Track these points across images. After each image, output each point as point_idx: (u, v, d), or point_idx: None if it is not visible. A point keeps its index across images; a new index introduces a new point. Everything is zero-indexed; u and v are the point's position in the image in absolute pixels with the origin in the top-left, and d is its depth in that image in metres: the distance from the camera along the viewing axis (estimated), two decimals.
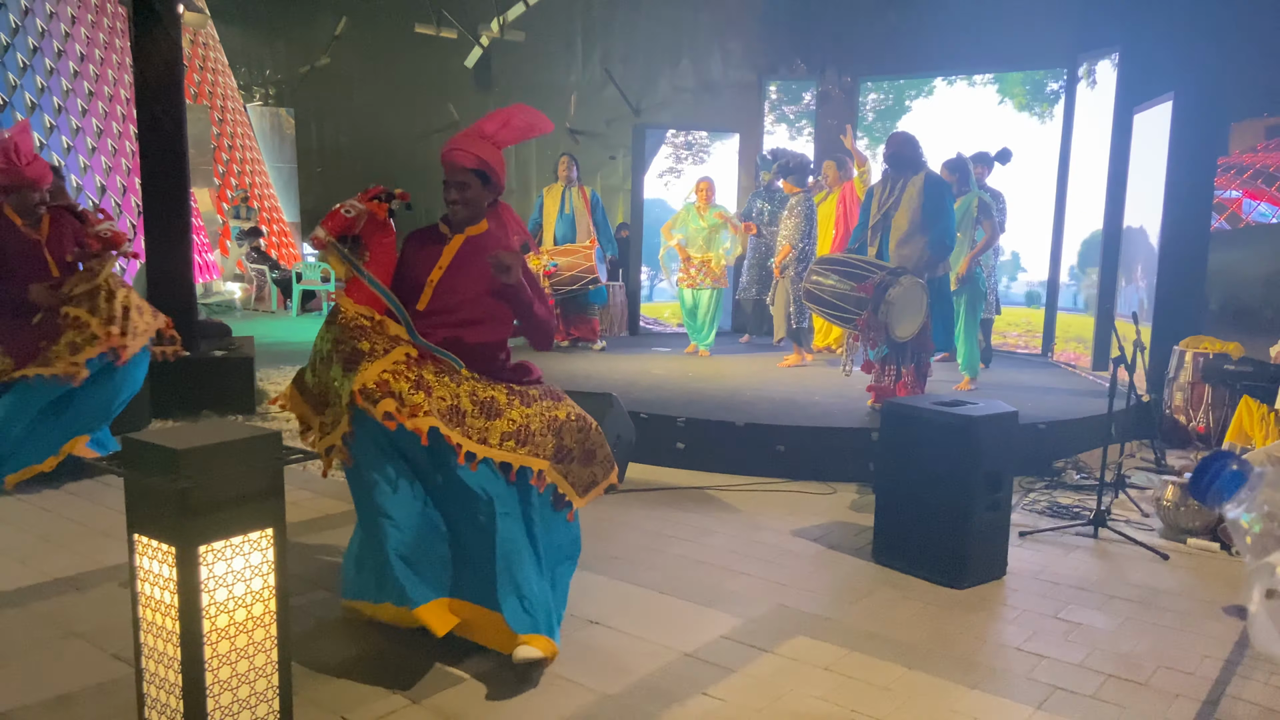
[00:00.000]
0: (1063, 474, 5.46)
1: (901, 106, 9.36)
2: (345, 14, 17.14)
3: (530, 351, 6.43)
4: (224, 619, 2.28)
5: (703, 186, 8.11)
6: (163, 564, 2.25)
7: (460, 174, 3.14)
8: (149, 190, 6.71)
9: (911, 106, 9.29)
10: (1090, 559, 4.20)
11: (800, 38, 11.84)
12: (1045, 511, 4.83)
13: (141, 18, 6.50)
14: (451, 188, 3.16)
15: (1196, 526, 4.41)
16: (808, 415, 5.76)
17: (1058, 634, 3.39)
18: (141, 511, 2.30)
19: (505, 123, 3.21)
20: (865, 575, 3.95)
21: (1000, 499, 3.87)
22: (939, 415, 3.87)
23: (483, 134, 3.18)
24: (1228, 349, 6.24)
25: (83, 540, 4.15)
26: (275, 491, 2.40)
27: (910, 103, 9.29)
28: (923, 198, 5.57)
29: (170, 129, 6.59)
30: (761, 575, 3.92)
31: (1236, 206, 10.04)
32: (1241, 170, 10.23)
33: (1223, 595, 3.79)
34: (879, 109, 9.52)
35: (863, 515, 4.66)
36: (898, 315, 5.35)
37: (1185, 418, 6.27)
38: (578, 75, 15.61)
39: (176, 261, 6.75)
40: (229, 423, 5.66)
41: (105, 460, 2.42)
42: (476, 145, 3.15)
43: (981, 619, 3.53)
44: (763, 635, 3.31)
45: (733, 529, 4.51)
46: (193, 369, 6.57)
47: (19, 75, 11.71)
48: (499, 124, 3.20)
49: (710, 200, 8.08)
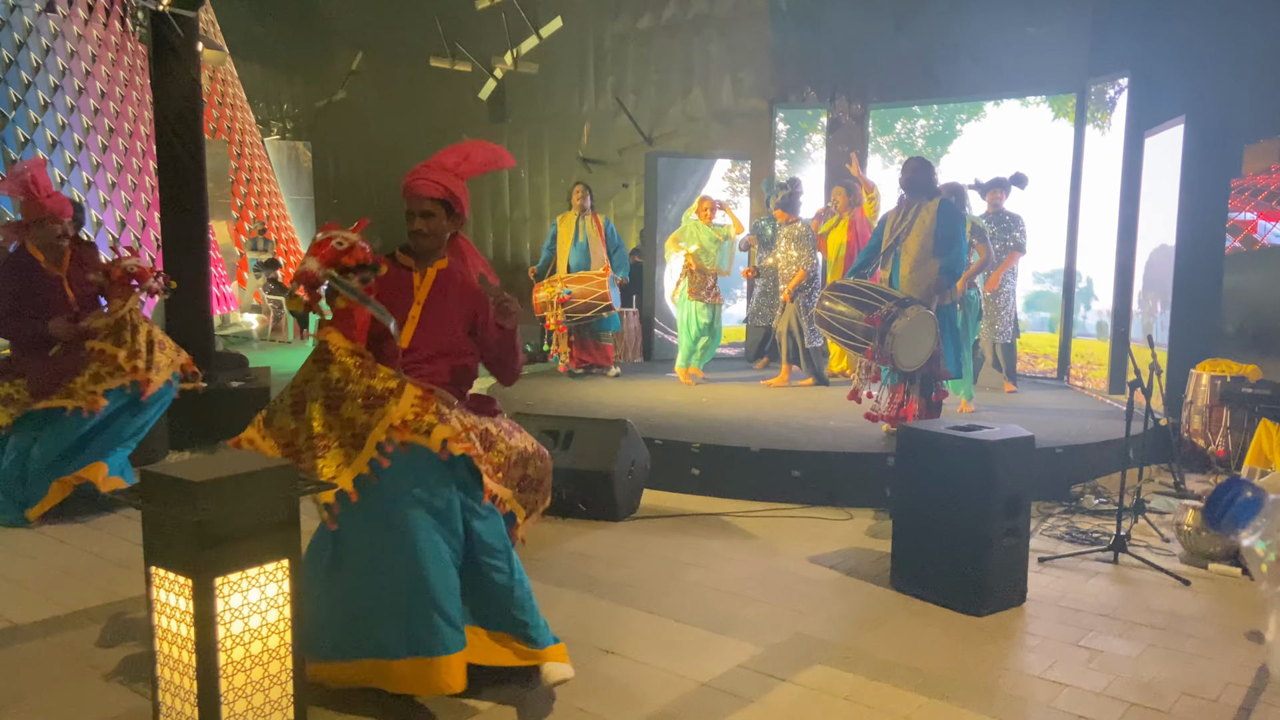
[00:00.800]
0: (1081, 499, 5.41)
1: (952, 130, 9.37)
2: (361, 49, 17.39)
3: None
4: (239, 651, 2.29)
5: (706, 205, 8.17)
6: (179, 596, 2.26)
7: (425, 204, 3.09)
8: (168, 224, 6.80)
9: (962, 130, 9.30)
10: (1111, 585, 4.15)
11: (810, 66, 11.92)
12: (1064, 537, 4.79)
13: (161, 55, 6.61)
14: (416, 217, 3.10)
15: (1218, 551, 4.36)
16: (823, 440, 5.75)
17: (1079, 662, 3.36)
18: (159, 544, 2.32)
19: (465, 157, 3.19)
20: (884, 602, 3.92)
21: (1019, 524, 3.85)
22: (955, 440, 3.85)
23: (444, 166, 3.15)
24: (1245, 371, 6.19)
25: (102, 573, 4.17)
26: (291, 523, 2.41)
27: (961, 126, 9.31)
28: (936, 223, 5.58)
29: (189, 164, 6.69)
30: (779, 603, 3.89)
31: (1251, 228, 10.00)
32: (1256, 192, 10.20)
33: (1246, 621, 3.74)
34: (929, 134, 9.52)
35: (880, 541, 4.63)
36: (903, 347, 5.35)
37: (1204, 441, 6.22)
38: (590, 105, 15.74)
39: (195, 294, 6.82)
40: (245, 454, 5.68)
41: (123, 493, 2.44)
42: (441, 175, 3.12)
43: (1002, 647, 3.50)
44: (781, 664, 3.29)
45: (749, 556, 4.49)
46: (210, 400, 6.61)
47: (40, 112, 11.91)
48: (459, 158, 3.18)
49: (712, 219, 8.16)
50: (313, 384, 2.90)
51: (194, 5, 6.52)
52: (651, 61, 14.94)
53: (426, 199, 3.09)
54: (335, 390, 2.86)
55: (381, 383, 2.85)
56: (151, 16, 6.51)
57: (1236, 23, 7.16)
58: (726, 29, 13.96)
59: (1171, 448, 5.96)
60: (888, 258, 5.79)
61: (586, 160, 15.45)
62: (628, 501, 5.11)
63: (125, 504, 2.42)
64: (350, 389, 2.84)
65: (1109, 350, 7.68)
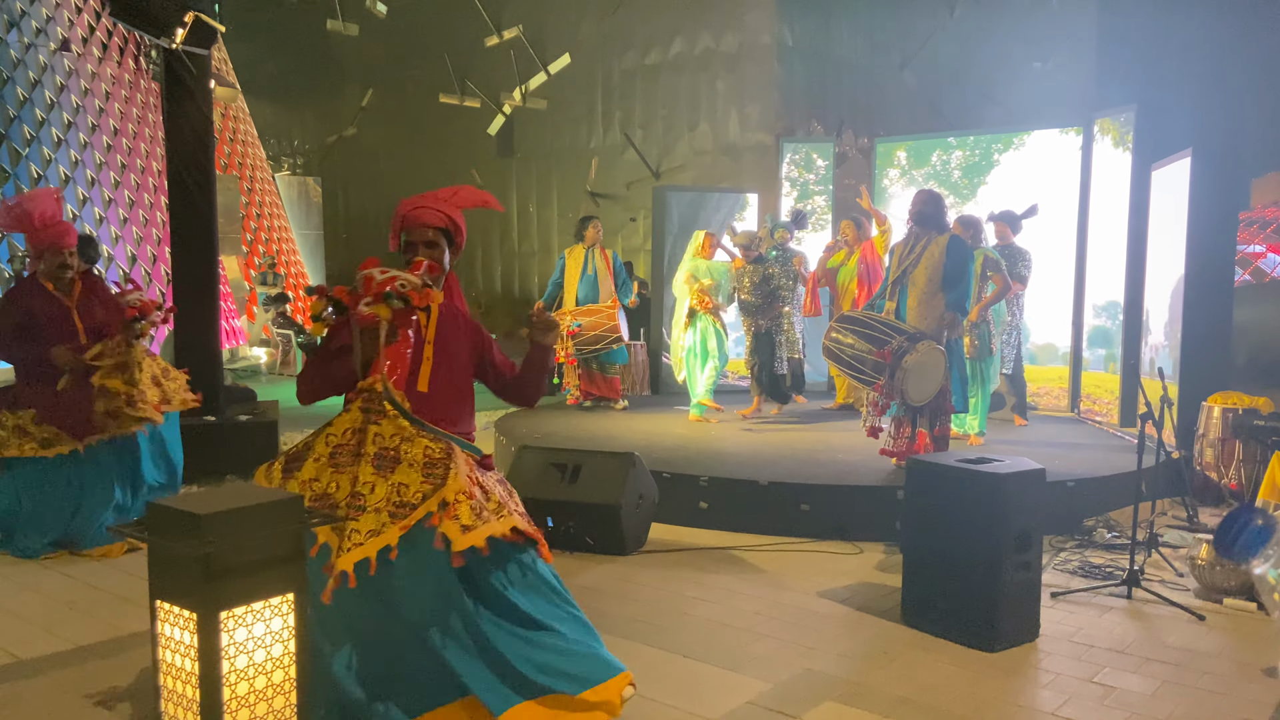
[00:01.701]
0: (1094, 533, 5.36)
1: (989, 161, 9.41)
2: (372, 86, 17.61)
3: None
4: (244, 686, 2.26)
5: (708, 240, 8.19)
6: (184, 630, 2.24)
7: (429, 233, 3.00)
8: (178, 259, 6.84)
9: (1000, 160, 9.34)
10: (1125, 620, 4.10)
11: (816, 101, 12.01)
12: (1077, 571, 4.74)
13: (174, 92, 6.69)
14: (420, 247, 2.98)
15: (1233, 586, 4.31)
16: (832, 473, 5.71)
17: (1093, 699, 3.31)
18: (164, 577, 2.30)
19: (455, 193, 3.17)
20: (894, 638, 3.88)
21: (1030, 559, 3.80)
22: (965, 473, 3.82)
23: (439, 198, 3.11)
24: (1257, 404, 6.15)
25: (107, 607, 4.15)
26: (297, 556, 2.40)
27: (999, 156, 9.35)
28: (945, 258, 5.60)
29: (200, 199, 6.74)
30: (788, 638, 3.85)
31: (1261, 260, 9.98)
32: (1265, 225, 10.19)
33: (1261, 657, 3.69)
34: (965, 165, 9.56)
35: (890, 575, 4.58)
36: (914, 381, 5.35)
37: (1217, 474, 6.16)
38: (598, 140, 15.87)
39: (204, 328, 6.85)
40: (252, 487, 5.67)
41: (128, 527, 2.43)
42: (440, 204, 3.07)
43: (1015, 683, 3.45)
44: (791, 701, 3.25)
45: (758, 590, 4.45)
46: (218, 434, 6.63)
47: (54, 149, 12.05)
48: (450, 193, 3.16)
49: (713, 255, 8.16)
50: (363, 438, 2.73)
51: (207, 43, 6.61)
52: (659, 97, 15.08)
53: (430, 228, 3.01)
54: (388, 449, 2.69)
55: (434, 445, 2.73)
56: (165, 54, 6.59)
57: (1242, 56, 7.20)
58: (733, 64, 14.10)
59: (1184, 481, 5.91)
60: (895, 290, 5.80)
61: (594, 194, 15.56)
62: (635, 535, 5.07)
63: (129, 536, 2.40)
64: (407, 451, 2.70)
65: (1119, 383, 7.65)
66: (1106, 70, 8.87)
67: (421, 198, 3.08)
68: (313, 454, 2.79)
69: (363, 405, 2.78)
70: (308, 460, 2.78)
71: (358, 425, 2.77)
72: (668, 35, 14.87)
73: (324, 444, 2.79)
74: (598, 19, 15.44)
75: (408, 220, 3.02)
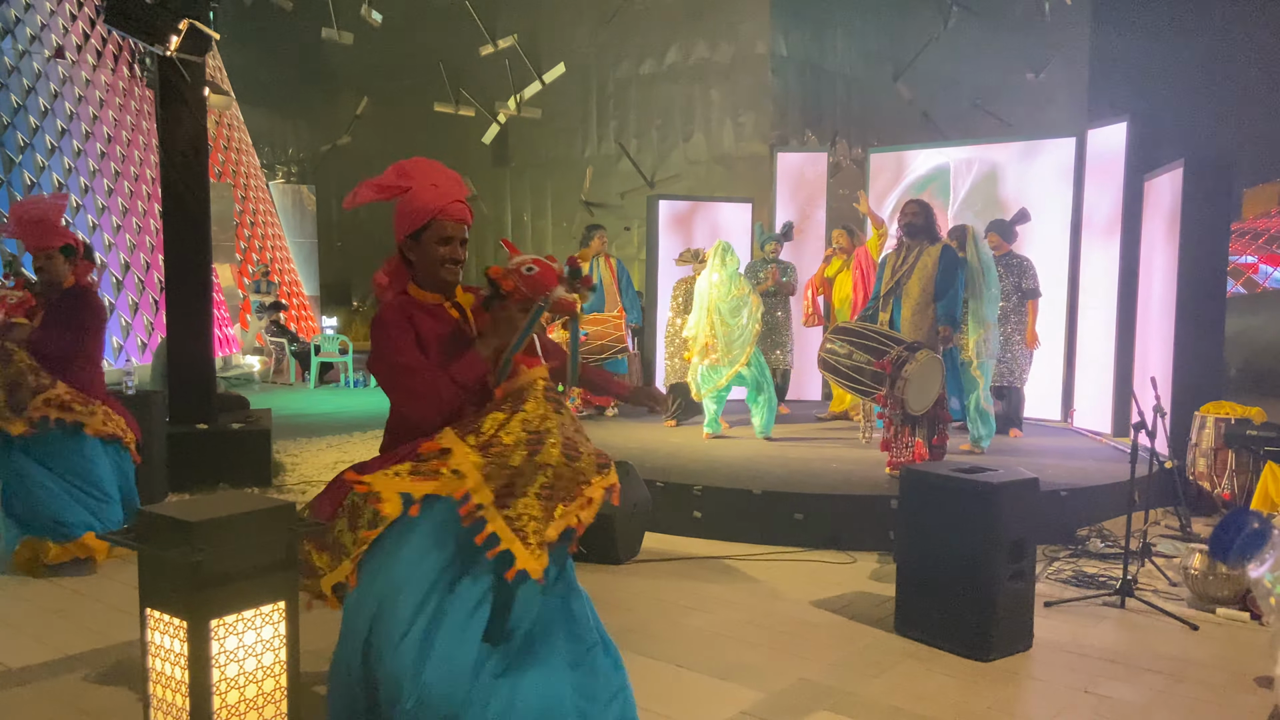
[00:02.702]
0: (1087, 542, 5.36)
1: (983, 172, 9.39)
2: (366, 94, 17.60)
3: None
4: (234, 695, 2.25)
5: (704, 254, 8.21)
6: (174, 638, 2.23)
7: (465, 230, 2.74)
8: (171, 266, 6.82)
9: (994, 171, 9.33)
10: (1118, 630, 4.10)
11: (810, 111, 12.05)
12: (1070, 581, 4.74)
13: (168, 100, 6.69)
14: (458, 244, 2.71)
15: (1226, 595, 4.31)
16: (825, 482, 5.71)
17: (1087, 709, 3.30)
18: (154, 585, 2.29)
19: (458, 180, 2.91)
20: (888, 647, 3.87)
21: (1024, 568, 3.80)
22: (959, 482, 3.82)
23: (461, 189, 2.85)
24: (1250, 414, 6.17)
25: (97, 616, 4.12)
26: (288, 563, 2.39)
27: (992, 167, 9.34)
28: (937, 268, 5.62)
29: (193, 207, 6.73)
30: (781, 648, 3.84)
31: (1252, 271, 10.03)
32: (1256, 235, 10.25)
33: (1254, 666, 3.69)
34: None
35: (884, 585, 4.58)
36: (914, 391, 5.36)
37: (1209, 484, 6.18)
38: (593, 150, 15.91)
39: (197, 336, 6.83)
40: (244, 495, 5.66)
41: (119, 534, 2.42)
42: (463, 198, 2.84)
43: (1009, 693, 3.44)
44: (784, 711, 3.24)
45: (751, 600, 4.44)
46: (210, 442, 6.61)
47: (47, 156, 12.03)
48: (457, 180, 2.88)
49: None
50: (549, 425, 2.55)
51: (202, 51, 6.61)
52: (654, 106, 15.13)
53: (466, 224, 2.76)
54: (571, 438, 2.58)
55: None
56: (159, 62, 6.59)
57: (1233, 69, 7.25)
58: (728, 74, 14.15)
59: (1177, 490, 5.93)
60: (888, 301, 5.81)
61: (589, 204, 15.58)
62: (629, 544, 5.06)
63: (119, 544, 2.39)
64: (581, 442, 2.60)
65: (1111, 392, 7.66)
66: (1099, 82, 8.92)
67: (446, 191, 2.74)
68: (514, 434, 2.54)
69: (546, 395, 2.62)
70: (505, 446, 2.51)
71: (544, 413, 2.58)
72: (662, 45, 14.93)
73: (520, 428, 2.54)
74: (593, 29, 15.49)
75: (444, 213, 2.69)
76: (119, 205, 12.86)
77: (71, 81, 12.76)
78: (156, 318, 12.30)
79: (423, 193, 2.71)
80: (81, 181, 12.32)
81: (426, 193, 2.70)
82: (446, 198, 2.71)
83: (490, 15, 15.02)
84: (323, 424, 9.58)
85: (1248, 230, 14.93)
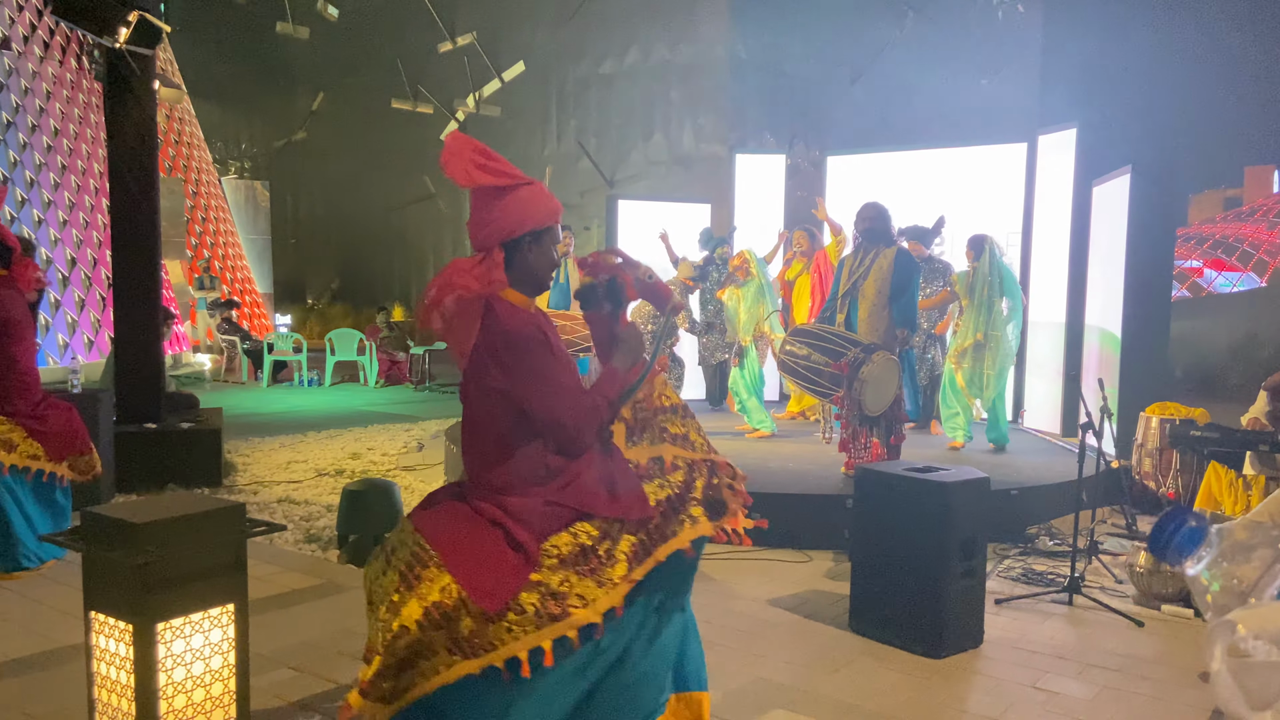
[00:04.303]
0: (1036, 540, 5.45)
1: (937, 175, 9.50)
2: (322, 90, 17.41)
3: None
4: (181, 699, 2.21)
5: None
6: (119, 642, 2.19)
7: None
8: (119, 263, 6.69)
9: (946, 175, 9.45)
10: (1066, 627, 4.17)
11: (769, 113, 12.12)
12: (1020, 578, 4.81)
13: (116, 92, 6.55)
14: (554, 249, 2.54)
15: (1170, 593, 4.41)
16: (781, 482, 5.74)
17: (1036, 704, 3.36)
18: (99, 588, 2.24)
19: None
20: (843, 645, 3.90)
21: (975, 566, 3.86)
22: (912, 482, 3.87)
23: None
24: (1194, 415, 6.30)
25: (42, 619, 4.03)
26: (238, 566, 2.35)
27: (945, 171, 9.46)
28: (892, 271, 5.68)
29: (142, 202, 6.61)
30: (738, 646, 3.86)
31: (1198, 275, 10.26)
32: (1202, 240, 10.48)
33: (1198, 663, 3.77)
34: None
35: (839, 583, 4.61)
36: (871, 392, 5.41)
37: (1155, 483, 6.31)
38: (552, 149, 15.88)
39: (145, 333, 6.71)
40: (193, 496, 5.56)
41: (63, 535, 2.36)
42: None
43: (960, 689, 3.49)
44: (740, 709, 3.25)
45: (708, 599, 4.45)
46: (159, 441, 6.49)
47: None
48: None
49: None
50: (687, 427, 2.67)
51: (152, 43, 6.49)
52: (613, 106, 15.13)
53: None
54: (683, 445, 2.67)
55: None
56: (108, 54, 6.46)
57: (1181, 77, 7.41)
58: (688, 76, 14.20)
59: (1123, 489, 6.04)
60: (845, 302, 5.86)
61: None
62: None
63: (64, 545, 2.33)
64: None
65: (1060, 393, 7.80)
66: (1050, 89, 9.07)
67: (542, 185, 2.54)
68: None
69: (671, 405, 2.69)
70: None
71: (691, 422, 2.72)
72: (622, 45, 14.94)
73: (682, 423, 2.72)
74: (552, 27, 15.45)
75: (555, 215, 2.51)
76: (65, 200, 12.58)
77: (17, 73, 12.46)
78: (104, 315, 12.05)
79: (544, 191, 2.49)
80: (26, 175, 12.03)
81: (546, 192, 2.50)
82: (548, 196, 2.52)
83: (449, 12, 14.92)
84: (275, 423, 9.44)
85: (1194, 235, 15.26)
